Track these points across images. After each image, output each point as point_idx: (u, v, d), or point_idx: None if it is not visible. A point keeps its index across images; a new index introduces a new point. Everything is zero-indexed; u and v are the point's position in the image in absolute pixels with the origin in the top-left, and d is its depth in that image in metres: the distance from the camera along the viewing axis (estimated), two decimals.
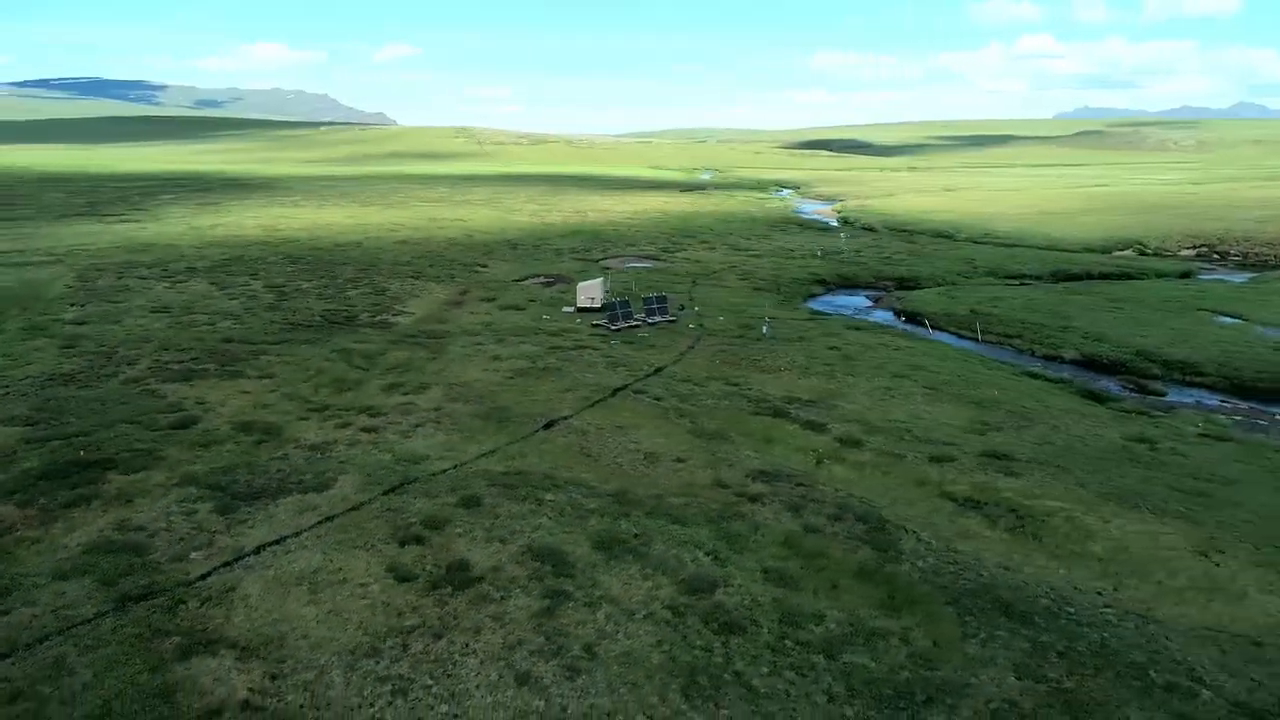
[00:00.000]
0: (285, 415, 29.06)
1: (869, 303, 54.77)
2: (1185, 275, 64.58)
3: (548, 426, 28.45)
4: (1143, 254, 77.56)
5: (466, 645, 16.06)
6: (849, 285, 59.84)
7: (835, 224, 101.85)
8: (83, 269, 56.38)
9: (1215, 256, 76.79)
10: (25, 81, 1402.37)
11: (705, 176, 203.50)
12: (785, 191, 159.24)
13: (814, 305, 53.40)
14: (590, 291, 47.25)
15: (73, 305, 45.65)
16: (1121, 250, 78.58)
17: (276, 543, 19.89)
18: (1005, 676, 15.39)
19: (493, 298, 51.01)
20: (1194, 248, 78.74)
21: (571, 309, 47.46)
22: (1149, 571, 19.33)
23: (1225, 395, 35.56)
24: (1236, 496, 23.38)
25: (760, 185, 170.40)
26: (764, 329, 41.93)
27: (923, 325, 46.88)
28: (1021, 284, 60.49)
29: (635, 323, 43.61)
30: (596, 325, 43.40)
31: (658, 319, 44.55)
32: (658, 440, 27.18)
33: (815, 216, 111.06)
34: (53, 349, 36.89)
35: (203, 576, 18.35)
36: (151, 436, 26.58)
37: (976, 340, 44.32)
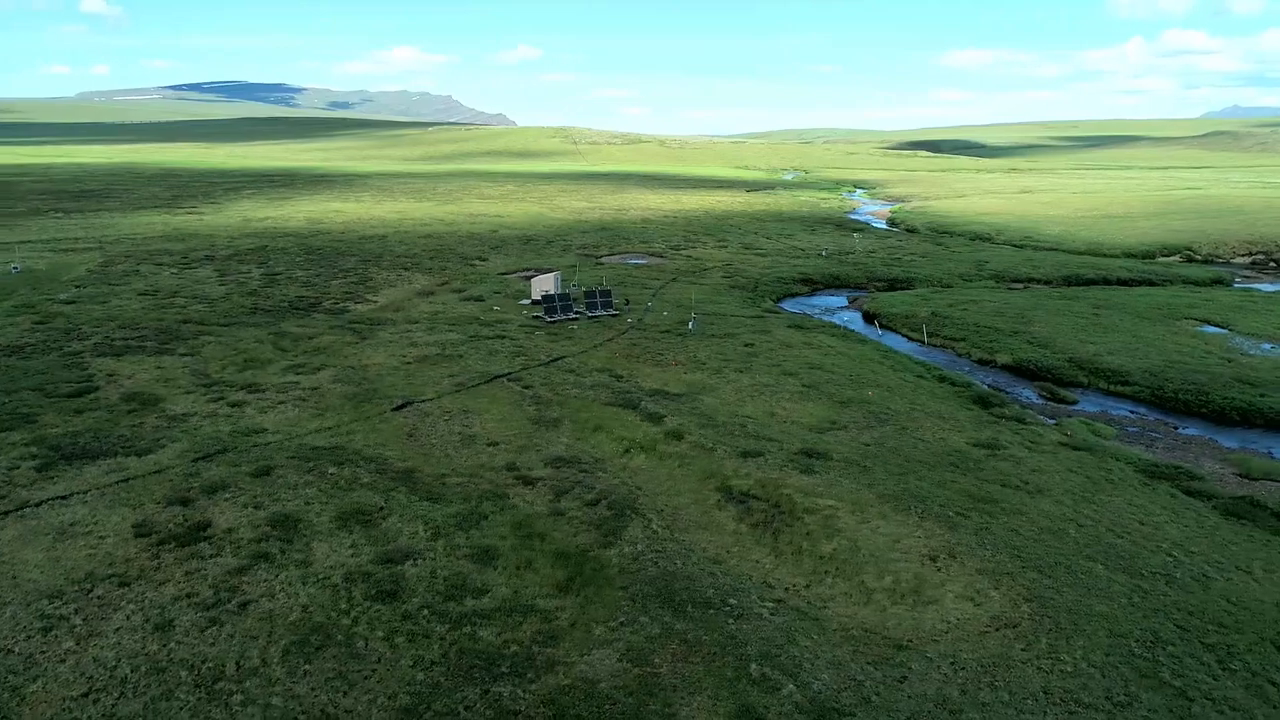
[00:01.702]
0: (175, 389, 31.44)
1: (844, 303, 53.79)
2: (1216, 282, 60.28)
3: (399, 407, 29.76)
4: (1190, 260, 72.73)
5: (141, 594, 17.50)
6: (837, 285, 58.80)
7: (882, 225, 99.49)
8: (113, 255, 61.47)
9: (1272, 264, 71.24)
10: (180, 85, 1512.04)
11: (788, 176, 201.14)
12: (858, 192, 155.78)
13: (784, 304, 52.83)
14: (544, 285, 48.35)
15: (77, 287, 50.07)
16: (1167, 256, 73.89)
17: (62, 498, 21.90)
18: (609, 658, 15.67)
19: (464, 289, 52.81)
20: (1249, 255, 73.26)
21: (528, 301, 48.68)
22: (859, 572, 18.98)
23: (1145, 405, 33.56)
24: (1028, 505, 22.42)
25: (836, 185, 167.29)
26: (690, 325, 42.09)
27: (878, 326, 45.96)
28: (1025, 288, 58.11)
29: (574, 316, 44.45)
30: (535, 317, 44.50)
31: (599, 312, 45.25)
32: (490, 425, 28.09)
33: (866, 217, 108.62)
34: (28, 324, 40.79)
35: None
36: (43, 402, 29.34)
37: (923, 343, 43.10)
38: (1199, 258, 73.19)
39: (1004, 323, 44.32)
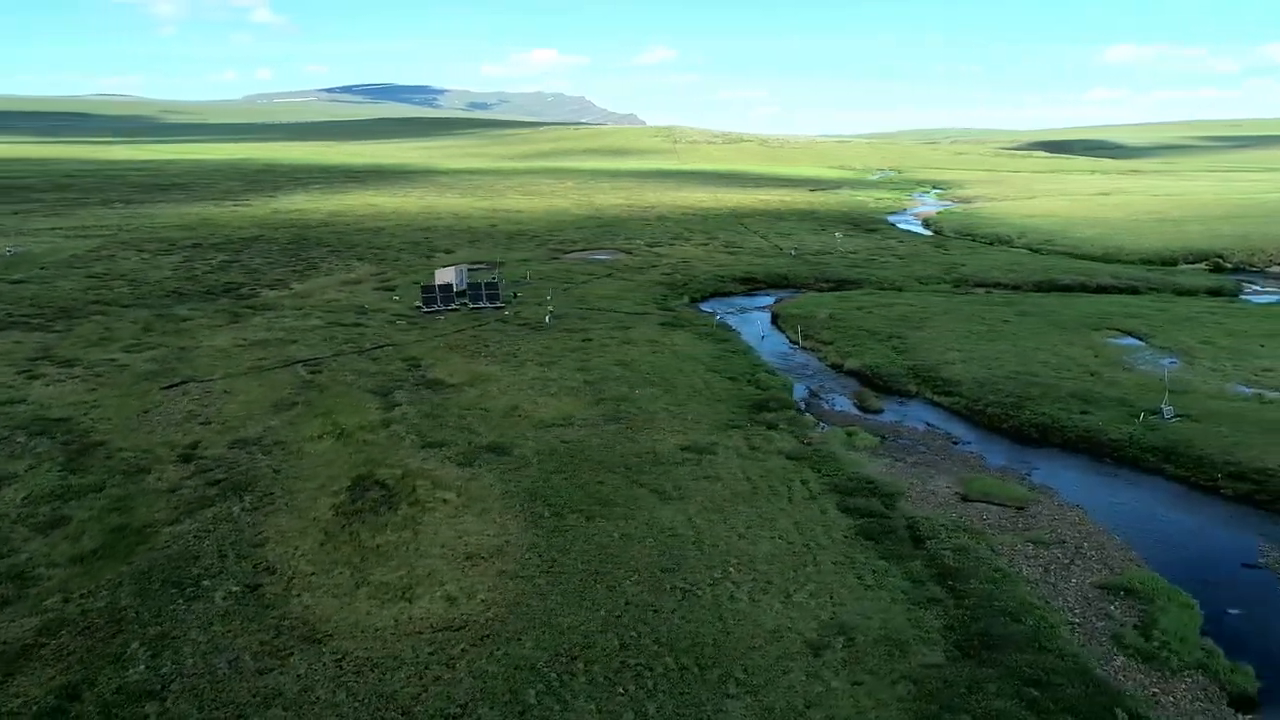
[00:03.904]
0: (3, 362, 33.85)
1: (770, 302, 51.90)
2: (1213, 292, 54.53)
3: (169, 386, 31.08)
4: (1218, 268, 66.05)
5: None
6: (783, 285, 56.71)
7: (912, 225, 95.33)
8: (110, 242, 66.38)
9: None
10: (334, 88, 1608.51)
11: (874, 176, 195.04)
12: (931, 192, 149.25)
13: (705, 304, 51.49)
14: (446, 276, 49.11)
15: (41, 268, 54.53)
16: (1193, 263, 67.39)
17: None
18: (25, 628, 16.11)
19: (390, 279, 54.17)
20: None
21: None
22: (379, 565, 18.60)
23: (957, 416, 30.94)
24: (645, 511, 21.27)
25: (913, 185, 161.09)
26: (546, 318, 41.88)
27: (761, 326, 44.53)
28: (987, 292, 54.62)
29: (454, 308, 44.95)
30: (416, 307, 45.27)
31: (483, 305, 45.60)
32: (231, 407, 28.96)
33: (906, 217, 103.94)
34: None
35: None
36: None
37: (798, 345, 41.23)
38: (1228, 265, 66.34)
39: (890, 327, 41.70)
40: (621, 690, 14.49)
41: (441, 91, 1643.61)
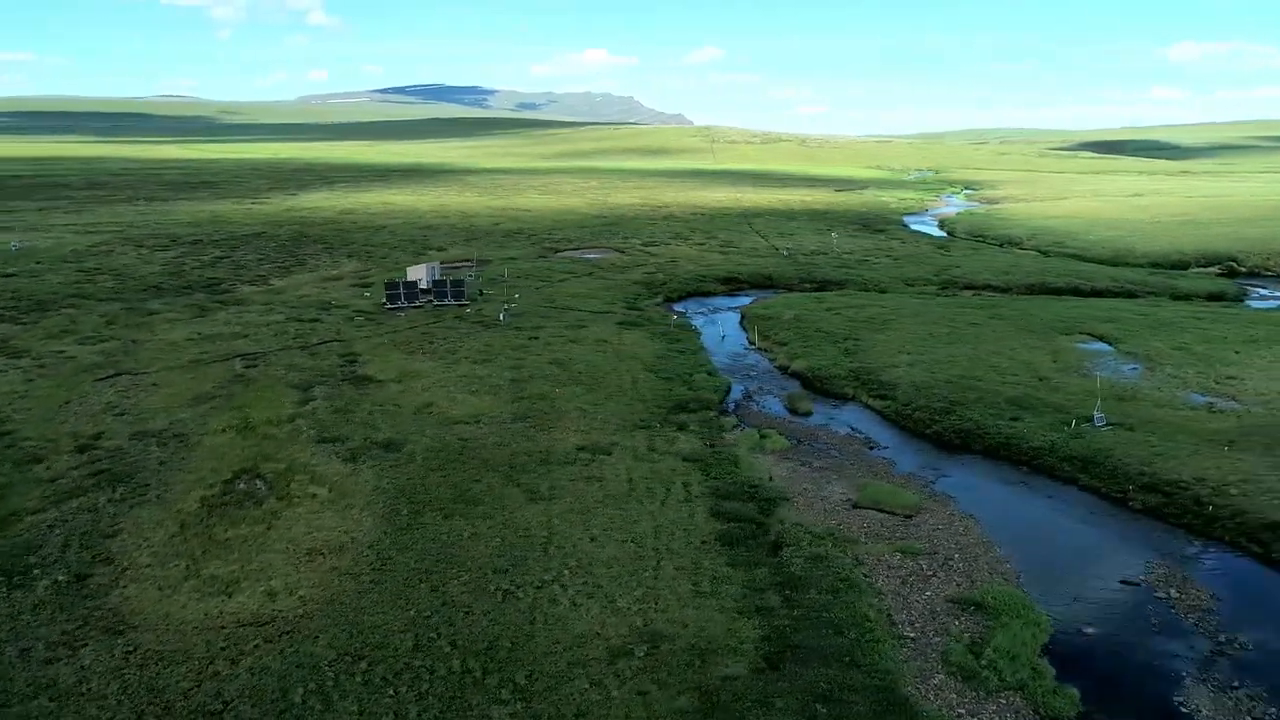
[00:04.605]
0: None
1: (747, 303, 51.18)
2: (1218, 297, 52.50)
3: (104, 378, 31.66)
4: (1233, 272, 63.59)
5: None
6: (764, 286, 56.01)
7: (927, 226, 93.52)
8: (113, 238, 68.01)
9: None
10: (387, 89, 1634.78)
11: (911, 176, 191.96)
12: (962, 193, 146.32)
13: (680, 304, 51.00)
14: (418, 273, 49.34)
15: (37, 263, 56.09)
16: (1205, 267, 64.91)
17: None
18: None
19: (369, 276, 54.60)
20: None
21: None
22: (214, 559, 18.66)
23: (886, 421, 30.12)
24: (509, 510, 21.00)
25: (944, 186, 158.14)
26: (500, 316, 41.85)
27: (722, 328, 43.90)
28: (976, 294, 53.42)
29: (417, 305, 45.13)
30: (381, 304, 45.56)
31: (447, 302, 45.71)
32: (154, 399, 29.38)
33: (925, 218, 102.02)
34: None
35: None
36: None
37: (754, 345, 40.57)
38: (1242, 269, 63.84)
39: (852, 329, 40.75)
40: (392, 693, 14.24)
41: (491, 92, 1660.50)
